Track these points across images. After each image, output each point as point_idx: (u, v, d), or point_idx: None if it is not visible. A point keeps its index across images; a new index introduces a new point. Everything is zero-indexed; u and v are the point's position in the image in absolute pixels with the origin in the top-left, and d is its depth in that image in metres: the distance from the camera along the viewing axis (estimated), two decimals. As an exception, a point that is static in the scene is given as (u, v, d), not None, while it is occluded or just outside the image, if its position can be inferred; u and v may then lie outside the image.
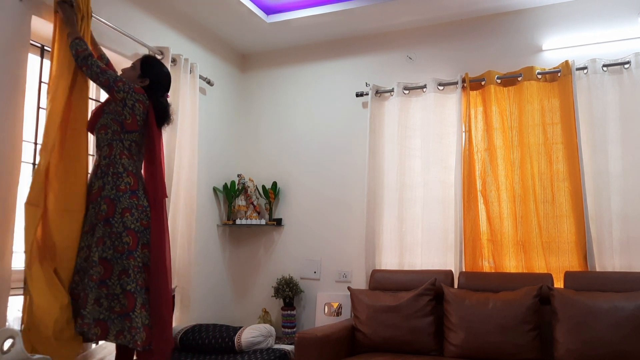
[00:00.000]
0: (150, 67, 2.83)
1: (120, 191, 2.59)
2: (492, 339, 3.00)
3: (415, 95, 3.91)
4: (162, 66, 2.91)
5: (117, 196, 2.58)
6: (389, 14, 3.83)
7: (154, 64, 2.86)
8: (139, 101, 2.68)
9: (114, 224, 2.55)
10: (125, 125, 2.67)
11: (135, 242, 2.57)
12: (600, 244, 3.28)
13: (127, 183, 2.62)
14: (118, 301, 2.53)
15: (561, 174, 3.42)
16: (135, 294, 2.52)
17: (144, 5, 3.51)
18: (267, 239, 4.29)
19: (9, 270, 2.50)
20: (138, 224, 2.60)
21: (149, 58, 2.90)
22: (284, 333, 3.92)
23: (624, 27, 3.47)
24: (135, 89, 2.69)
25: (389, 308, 3.27)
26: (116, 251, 2.54)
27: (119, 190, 2.59)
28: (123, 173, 2.63)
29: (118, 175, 2.62)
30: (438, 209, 3.67)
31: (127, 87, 2.66)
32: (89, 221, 2.61)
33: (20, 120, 2.59)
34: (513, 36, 3.77)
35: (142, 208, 2.63)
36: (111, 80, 2.64)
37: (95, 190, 2.63)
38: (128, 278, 2.52)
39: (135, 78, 2.79)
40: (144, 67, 2.81)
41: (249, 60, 4.60)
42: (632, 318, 2.77)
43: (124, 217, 2.56)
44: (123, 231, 2.55)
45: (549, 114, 3.50)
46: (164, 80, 2.88)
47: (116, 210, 2.57)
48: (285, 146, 4.35)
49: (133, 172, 2.67)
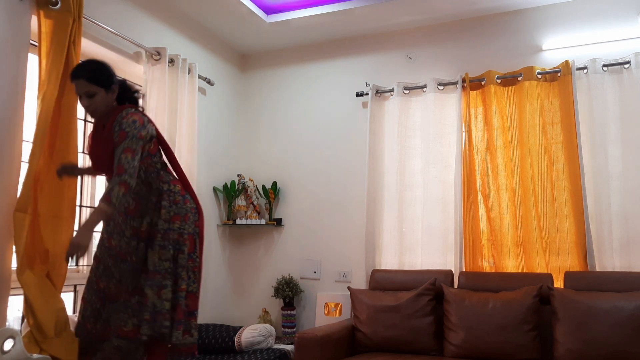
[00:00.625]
0: (100, 75, 2.44)
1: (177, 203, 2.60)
2: (492, 339, 3.00)
3: (415, 95, 3.91)
4: (96, 62, 2.49)
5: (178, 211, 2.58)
6: (389, 14, 3.83)
7: (97, 70, 2.45)
8: (150, 123, 2.55)
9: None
10: (150, 151, 2.57)
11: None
12: (600, 243, 3.28)
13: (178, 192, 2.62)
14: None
15: (561, 174, 3.42)
16: (197, 294, 2.58)
17: (144, 5, 3.51)
18: (267, 239, 4.29)
19: (9, 270, 2.51)
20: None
21: (91, 72, 2.43)
22: (284, 333, 3.93)
23: (624, 27, 3.47)
24: (140, 120, 2.45)
25: (389, 308, 3.27)
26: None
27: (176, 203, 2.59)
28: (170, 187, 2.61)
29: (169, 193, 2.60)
30: (438, 209, 3.67)
31: (146, 130, 2.47)
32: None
33: (20, 120, 2.58)
34: (513, 36, 3.76)
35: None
36: (134, 164, 2.39)
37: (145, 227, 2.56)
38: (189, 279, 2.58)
39: (112, 100, 2.51)
40: (100, 81, 2.43)
41: (249, 60, 4.60)
42: (632, 318, 2.77)
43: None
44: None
45: (549, 114, 3.50)
46: (111, 72, 2.51)
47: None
48: (285, 146, 4.35)
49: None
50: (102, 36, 3.13)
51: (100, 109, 2.47)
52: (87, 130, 3.30)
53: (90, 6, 2.98)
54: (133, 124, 2.43)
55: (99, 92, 2.43)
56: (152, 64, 3.44)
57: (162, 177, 2.58)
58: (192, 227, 2.59)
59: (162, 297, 2.43)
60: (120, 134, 2.41)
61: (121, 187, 2.32)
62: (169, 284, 2.46)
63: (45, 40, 2.64)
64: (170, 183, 2.59)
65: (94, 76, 2.41)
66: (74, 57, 2.72)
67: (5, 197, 2.50)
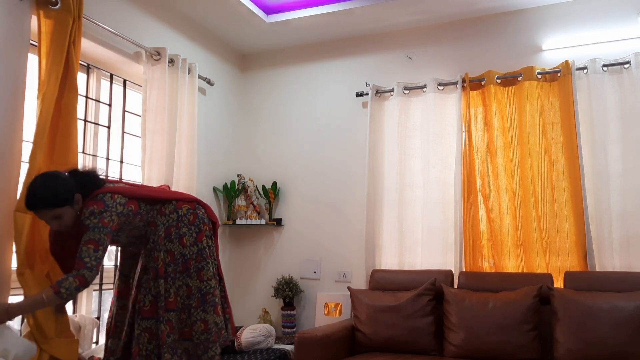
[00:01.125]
0: (57, 197, 2.27)
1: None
2: (492, 339, 3.00)
3: (415, 95, 3.91)
4: (45, 186, 2.26)
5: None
6: (389, 14, 3.83)
7: (51, 194, 2.26)
8: (121, 205, 2.41)
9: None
10: (133, 212, 2.49)
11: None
12: (600, 243, 3.28)
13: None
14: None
15: (561, 174, 3.42)
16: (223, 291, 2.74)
17: (144, 5, 3.51)
18: (267, 239, 4.29)
19: (9, 270, 2.51)
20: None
21: (45, 199, 2.25)
22: (284, 333, 3.93)
23: (624, 27, 3.47)
24: (98, 205, 2.32)
25: (389, 308, 3.27)
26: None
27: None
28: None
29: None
30: (438, 209, 3.67)
31: (109, 214, 2.34)
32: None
33: (20, 120, 2.58)
34: (513, 36, 3.76)
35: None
36: (97, 256, 2.29)
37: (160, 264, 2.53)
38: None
39: (79, 207, 2.36)
40: (61, 202, 2.28)
41: (249, 60, 4.60)
42: (632, 318, 2.77)
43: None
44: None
45: (549, 114, 3.50)
46: (64, 186, 2.31)
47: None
48: (285, 146, 4.35)
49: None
50: (102, 36, 3.14)
51: (71, 223, 2.35)
52: (88, 131, 3.30)
53: (90, 6, 2.98)
54: (91, 215, 2.31)
55: (64, 211, 2.29)
56: (152, 64, 3.44)
57: (163, 210, 2.55)
58: (209, 229, 2.67)
59: (219, 313, 2.53)
60: (83, 229, 2.31)
61: (76, 279, 2.22)
62: (216, 299, 2.54)
63: (45, 40, 2.64)
64: (177, 209, 2.57)
65: (52, 201, 2.25)
66: (74, 57, 2.72)
67: (5, 197, 2.50)
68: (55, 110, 2.61)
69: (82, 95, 3.24)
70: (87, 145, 3.28)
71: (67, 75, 2.68)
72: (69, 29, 2.68)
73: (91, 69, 3.35)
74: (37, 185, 2.26)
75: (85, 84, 3.33)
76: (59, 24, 2.66)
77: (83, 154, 3.24)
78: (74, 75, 2.72)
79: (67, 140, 2.67)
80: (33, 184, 2.27)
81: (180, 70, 3.59)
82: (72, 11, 2.70)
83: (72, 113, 2.70)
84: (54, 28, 2.66)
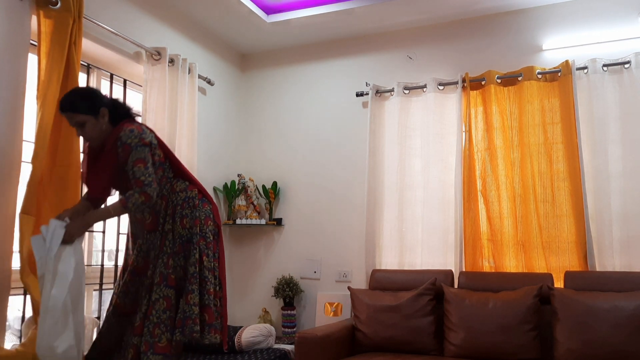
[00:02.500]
0: (84, 104, 2.40)
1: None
2: (492, 338, 3.00)
3: (415, 95, 3.91)
4: (78, 91, 2.47)
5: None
6: (389, 14, 3.83)
7: (80, 99, 2.41)
8: (155, 140, 2.52)
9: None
10: (160, 160, 2.58)
11: None
12: (600, 243, 3.28)
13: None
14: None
15: (561, 174, 3.42)
16: (219, 292, 2.64)
17: (144, 5, 3.51)
18: (267, 239, 4.29)
19: (9, 270, 2.51)
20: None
21: (73, 102, 2.40)
22: (284, 333, 3.93)
23: (624, 27, 3.47)
24: (137, 127, 2.44)
25: (389, 308, 3.27)
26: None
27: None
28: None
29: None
30: (438, 209, 3.67)
31: (147, 136, 2.45)
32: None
33: (20, 120, 2.58)
34: (513, 36, 3.76)
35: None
36: (149, 172, 2.41)
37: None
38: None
39: (103, 124, 2.46)
40: (85, 109, 2.40)
41: (249, 60, 4.60)
42: (632, 318, 2.77)
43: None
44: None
45: (549, 114, 3.50)
46: (95, 97, 2.46)
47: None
48: (285, 146, 4.35)
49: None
50: (102, 36, 3.14)
51: (95, 135, 2.45)
52: (87, 130, 3.30)
53: (90, 6, 2.98)
54: (131, 133, 2.41)
55: (87, 120, 2.41)
56: (152, 64, 3.44)
57: (175, 188, 2.57)
58: (213, 228, 2.60)
59: (190, 302, 2.43)
60: (124, 149, 2.41)
61: (141, 196, 2.36)
62: (195, 288, 2.46)
63: (45, 40, 2.64)
64: (187, 190, 2.58)
65: (78, 106, 2.39)
66: (74, 57, 2.72)
67: (6, 197, 2.50)
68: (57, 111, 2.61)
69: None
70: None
71: (68, 76, 2.68)
72: (69, 29, 2.68)
73: (91, 69, 3.35)
74: (72, 90, 2.46)
75: (86, 83, 3.33)
76: (59, 24, 2.67)
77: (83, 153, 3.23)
78: (76, 76, 2.72)
79: (69, 141, 2.68)
80: (70, 90, 2.47)
81: (180, 70, 3.59)
82: (72, 11, 2.69)
83: None
84: (54, 28, 2.66)
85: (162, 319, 2.42)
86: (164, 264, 2.46)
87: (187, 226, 2.51)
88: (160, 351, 2.39)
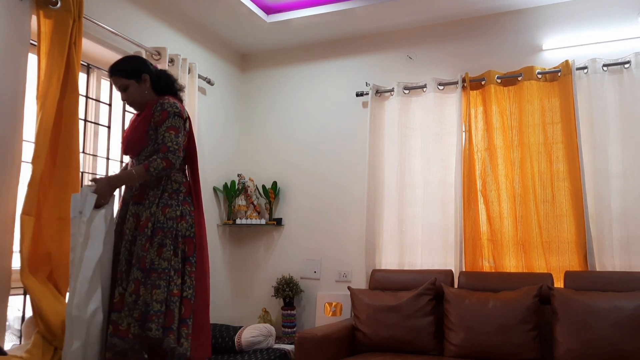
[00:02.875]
0: (128, 68, 2.60)
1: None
2: (492, 338, 3.00)
3: (415, 95, 3.91)
4: (126, 57, 2.70)
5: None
6: (389, 14, 3.83)
7: (125, 63, 2.62)
8: (188, 122, 2.64)
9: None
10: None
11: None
12: (600, 243, 3.28)
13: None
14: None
15: (561, 174, 3.42)
16: (191, 300, 2.50)
17: (144, 5, 3.51)
18: (267, 239, 4.29)
19: (9, 270, 2.51)
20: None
21: (118, 66, 2.61)
22: (284, 333, 3.93)
23: (624, 27, 3.47)
24: (180, 105, 2.59)
25: (389, 308, 3.27)
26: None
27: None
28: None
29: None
30: (438, 209, 3.67)
31: (185, 114, 2.59)
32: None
33: (20, 120, 2.58)
34: (513, 36, 3.76)
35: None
36: (178, 141, 2.51)
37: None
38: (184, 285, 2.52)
39: (145, 89, 2.62)
40: (129, 74, 2.59)
41: (249, 60, 4.60)
42: (632, 318, 2.77)
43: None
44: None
45: (549, 114, 3.50)
46: (140, 64, 2.65)
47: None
48: (285, 146, 4.35)
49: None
50: (102, 36, 3.14)
51: (137, 99, 2.61)
52: (89, 131, 3.30)
53: (90, 6, 2.98)
54: (174, 104, 2.54)
55: (130, 84, 2.58)
56: (152, 64, 3.44)
57: (173, 177, 2.58)
58: (190, 230, 2.55)
59: (154, 297, 2.38)
60: (162, 113, 2.51)
61: (163, 161, 2.45)
62: (163, 284, 2.40)
63: (45, 40, 2.64)
64: (181, 185, 2.59)
65: (122, 70, 2.58)
66: (74, 57, 2.72)
67: (6, 197, 2.50)
68: (57, 111, 2.62)
69: (82, 95, 3.24)
70: (87, 145, 3.28)
71: (68, 77, 2.68)
72: (69, 29, 2.68)
73: (91, 68, 3.35)
74: (122, 57, 2.67)
75: (86, 83, 3.33)
76: (59, 24, 2.67)
77: (83, 153, 3.24)
78: (75, 76, 2.72)
79: (69, 141, 2.68)
80: (120, 58, 2.66)
81: (180, 70, 3.59)
82: (72, 11, 2.69)
83: (73, 114, 2.71)
84: (54, 28, 2.66)
85: (128, 302, 2.39)
86: (141, 246, 2.44)
87: (168, 216, 2.49)
88: (122, 335, 2.36)
